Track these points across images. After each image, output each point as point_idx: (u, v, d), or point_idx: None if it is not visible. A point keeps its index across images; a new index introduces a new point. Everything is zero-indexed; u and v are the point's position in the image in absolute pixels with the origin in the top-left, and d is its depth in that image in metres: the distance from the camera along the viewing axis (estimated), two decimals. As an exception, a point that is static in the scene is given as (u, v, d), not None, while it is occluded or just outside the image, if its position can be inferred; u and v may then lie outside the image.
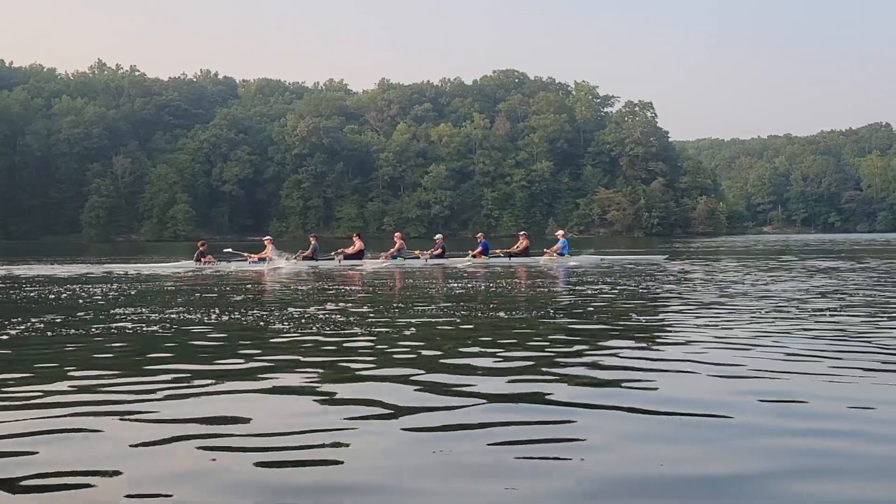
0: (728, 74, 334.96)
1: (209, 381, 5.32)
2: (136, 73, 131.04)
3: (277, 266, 21.64)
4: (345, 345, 6.95)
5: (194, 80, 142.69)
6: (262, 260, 22.33)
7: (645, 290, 12.76)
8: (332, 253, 23.77)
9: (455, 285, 14.52)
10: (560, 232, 26.46)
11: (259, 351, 6.64)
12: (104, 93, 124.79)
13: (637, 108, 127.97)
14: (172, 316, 9.26)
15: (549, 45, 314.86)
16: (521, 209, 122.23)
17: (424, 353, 6.53)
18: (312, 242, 23.92)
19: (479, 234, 26.94)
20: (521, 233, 26.31)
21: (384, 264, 22.26)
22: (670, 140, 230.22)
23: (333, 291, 13.38)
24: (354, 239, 23.92)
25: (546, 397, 4.81)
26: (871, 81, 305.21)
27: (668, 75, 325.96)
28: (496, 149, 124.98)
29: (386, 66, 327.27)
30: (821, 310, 9.45)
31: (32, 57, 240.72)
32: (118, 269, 21.44)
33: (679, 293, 12.21)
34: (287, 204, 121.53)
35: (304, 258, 23.03)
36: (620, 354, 6.38)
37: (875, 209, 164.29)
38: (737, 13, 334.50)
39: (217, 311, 9.89)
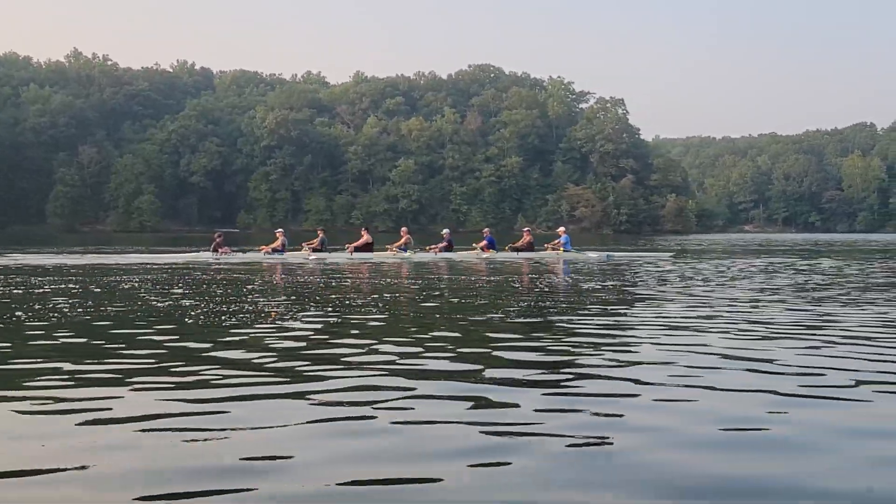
0: (721, 74, 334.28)
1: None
2: (109, 63, 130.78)
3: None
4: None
5: (170, 70, 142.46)
6: (276, 251, 23.12)
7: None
8: (346, 245, 24.74)
9: (461, 279, 14.80)
10: (561, 229, 26.73)
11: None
12: (75, 82, 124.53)
13: (609, 105, 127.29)
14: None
15: (540, 45, 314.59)
16: (490, 204, 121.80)
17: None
18: (320, 235, 24.41)
19: (486, 229, 27.82)
20: (525, 229, 27.07)
21: (392, 257, 22.99)
22: (661, 138, 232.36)
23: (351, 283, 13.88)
24: (363, 232, 24.73)
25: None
26: (861, 81, 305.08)
27: (661, 74, 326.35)
28: (466, 143, 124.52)
29: (374, 60, 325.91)
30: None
31: (11, 46, 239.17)
32: (142, 259, 21.52)
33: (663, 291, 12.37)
34: (255, 196, 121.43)
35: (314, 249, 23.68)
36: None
37: (855, 209, 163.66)
38: (735, 13, 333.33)
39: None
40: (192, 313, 8.77)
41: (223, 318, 8.42)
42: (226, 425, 4.08)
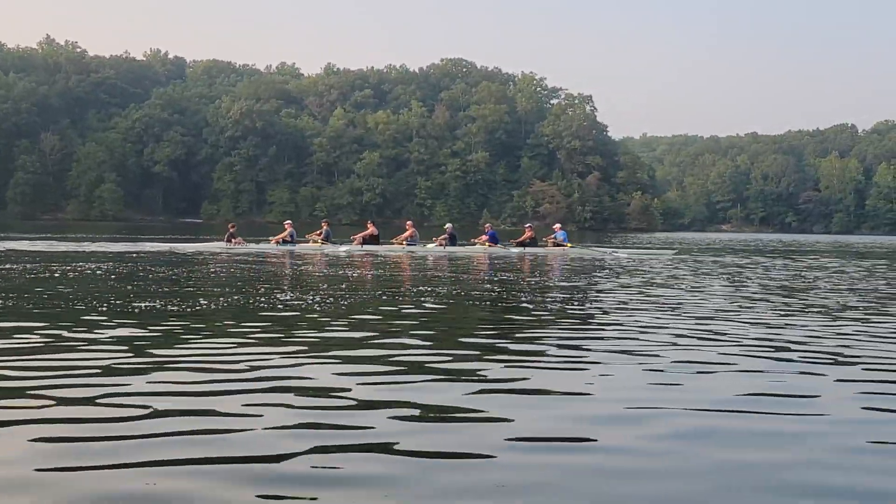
0: (713, 74, 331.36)
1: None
2: (77, 51, 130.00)
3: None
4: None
5: (143, 59, 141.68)
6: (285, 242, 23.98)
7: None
8: (352, 237, 25.27)
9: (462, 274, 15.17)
10: (557, 225, 27.90)
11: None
12: (41, 69, 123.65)
13: (577, 102, 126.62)
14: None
15: (531, 44, 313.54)
16: (455, 199, 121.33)
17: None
18: (324, 227, 25.44)
19: (487, 224, 28.98)
20: (527, 225, 27.63)
21: (398, 249, 23.78)
22: (648, 135, 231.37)
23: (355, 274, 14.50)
24: (368, 225, 25.45)
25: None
26: (850, 82, 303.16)
27: (657, 73, 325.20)
28: (433, 137, 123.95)
29: (349, 52, 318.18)
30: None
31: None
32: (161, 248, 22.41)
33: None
34: (219, 187, 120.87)
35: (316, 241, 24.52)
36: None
37: (831, 210, 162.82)
38: (732, 14, 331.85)
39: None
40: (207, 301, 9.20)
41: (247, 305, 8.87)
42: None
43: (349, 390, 4.65)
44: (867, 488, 3.28)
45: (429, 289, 11.46)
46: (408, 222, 26.66)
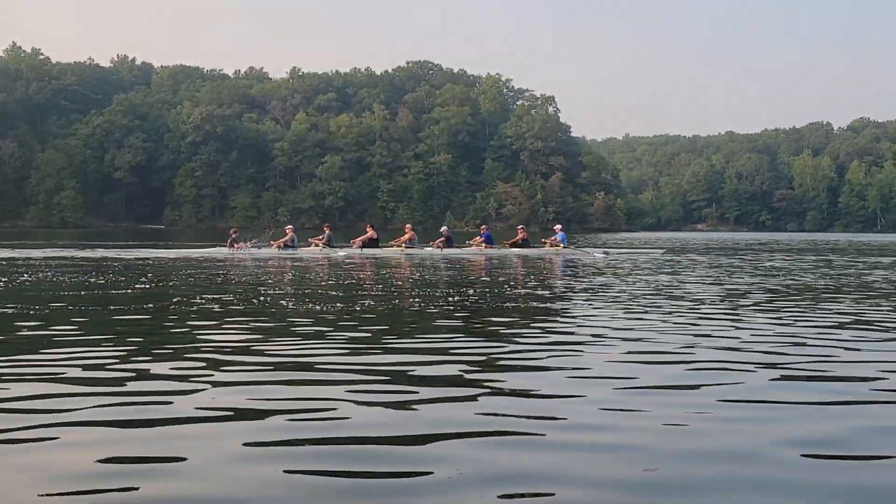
0: (705, 74, 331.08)
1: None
2: (41, 57, 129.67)
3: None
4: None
5: (110, 65, 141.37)
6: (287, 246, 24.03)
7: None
8: (351, 241, 25.28)
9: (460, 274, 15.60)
10: (558, 226, 27.86)
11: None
12: (3, 76, 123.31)
13: (539, 102, 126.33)
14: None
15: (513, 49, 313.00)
16: (418, 202, 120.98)
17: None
18: (326, 231, 25.41)
19: (483, 226, 28.90)
20: (520, 227, 27.74)
21: (398, 252, 23.94)
22: (631, 136, 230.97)
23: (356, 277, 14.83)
24: (368, 228, 25.60)
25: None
26: (829, 80, 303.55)
27: (643, 74, 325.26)
28: (396, 140, 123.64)
29: (318, 56, 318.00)
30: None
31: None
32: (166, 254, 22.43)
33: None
34: (181, 192, 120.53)
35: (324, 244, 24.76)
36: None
37: (805, 209, 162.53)
38: (723, 15, 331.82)
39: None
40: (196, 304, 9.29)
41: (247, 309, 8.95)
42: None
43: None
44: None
45: (429, 291, 11.53)
46: (407, 225, 27.43)
